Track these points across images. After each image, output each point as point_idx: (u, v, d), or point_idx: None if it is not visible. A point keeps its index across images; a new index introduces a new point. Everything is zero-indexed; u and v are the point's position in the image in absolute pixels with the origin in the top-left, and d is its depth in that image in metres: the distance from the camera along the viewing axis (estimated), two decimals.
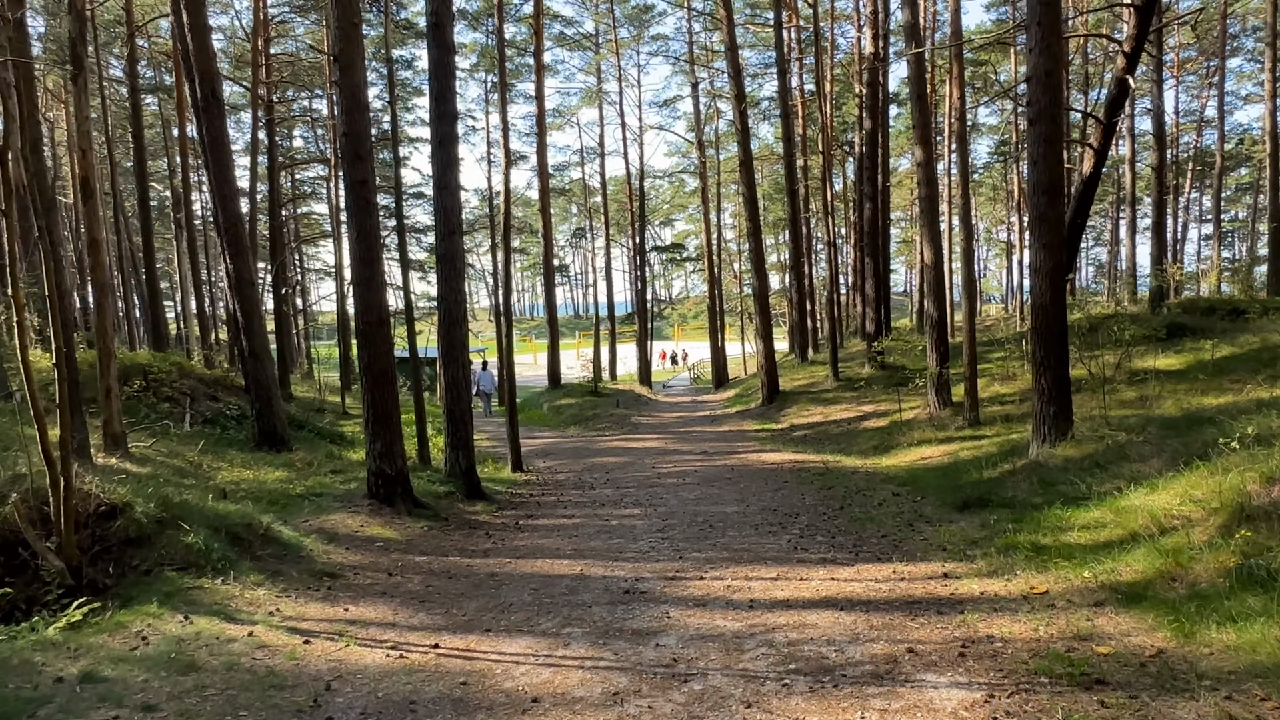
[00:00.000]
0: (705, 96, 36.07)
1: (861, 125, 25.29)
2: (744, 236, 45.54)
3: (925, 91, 14.32)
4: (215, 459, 12.20)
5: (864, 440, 14.37)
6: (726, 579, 6.02)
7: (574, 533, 8.20)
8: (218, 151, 14.59)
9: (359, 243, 8.28)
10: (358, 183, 8.18)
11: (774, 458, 13.19)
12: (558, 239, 60.38)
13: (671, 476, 11.78)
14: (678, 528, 8.14)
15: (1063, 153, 9.83)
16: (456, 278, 9.88)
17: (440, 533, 8.09)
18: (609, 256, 38.97)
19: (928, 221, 14.83)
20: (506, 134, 12.17)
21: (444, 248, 9.80)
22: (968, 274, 13.20)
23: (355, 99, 8.12)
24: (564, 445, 16.66)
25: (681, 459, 13.61)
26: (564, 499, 10.49)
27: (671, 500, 9.82)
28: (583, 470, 13.07)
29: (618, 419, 20.08)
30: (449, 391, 10.04)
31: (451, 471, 10.14)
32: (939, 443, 12.84)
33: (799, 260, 24.16)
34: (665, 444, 15.88)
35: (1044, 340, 9.48)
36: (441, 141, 9.65)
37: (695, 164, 36.16)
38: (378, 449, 8.54)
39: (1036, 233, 9.44)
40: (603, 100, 36.15)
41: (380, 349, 8.43)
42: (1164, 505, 6.13)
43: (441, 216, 9.78)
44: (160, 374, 16.29)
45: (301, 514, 8.28)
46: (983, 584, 5.43)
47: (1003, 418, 13.56)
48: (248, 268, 14.90)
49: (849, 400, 17.86)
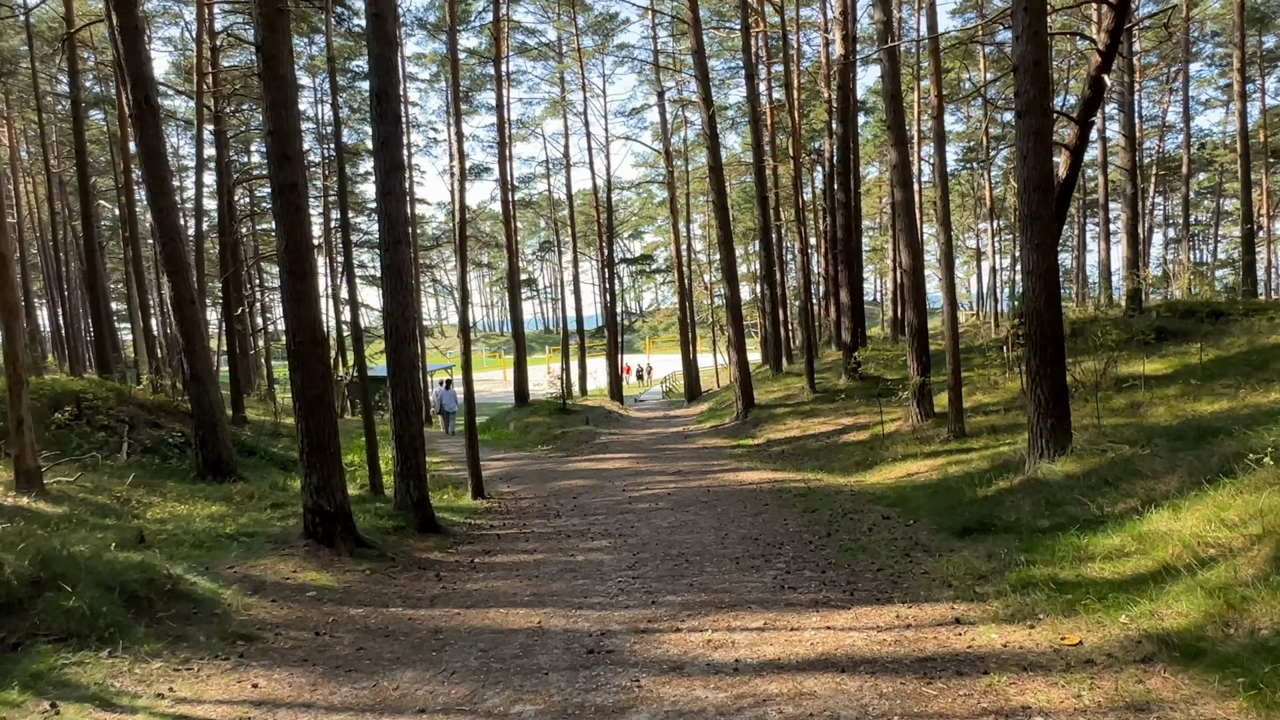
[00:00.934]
0: (672, 106, 35.57)
1: (831, 131, 24.80)
2: (714, 246, 44.99)
3: (899, 89, 13.76)
4: (148, 493, 11.20)
5: (846, 456, 13.68)
6: (706, 630, 5.22)
7: (535, 572, 7.36)
8: (153, 162, 13.64)
9: (288, 254, 7.41)
10: (286, 186, 7.32)
11: (752, 477, 12.44)
12: (525, 253, 59.54)
13: (643, 501, 10.97)
14: (650, 563, 7.33)
15: (1052, 147, 9.24)
16: (404, 291, 9.02)
17: (384, 576, 7.20)
18: (577, 269, 38.18)
19: (905, 225, 14.25)
20: (460, 142, 11.37)
21: (389, 258, 8.95)
22: (949, 279, 12.60)
23: (281, 93, 7.28)
24: (530, 467, 15.79)
25: (654, 480, 12.82)
26: (526, 529, 9.64)
27: (643, 529, 9.01)
28: (549, 495, 12.22)
29: (587, 437, 19.25)
30: (397, 416, 9.16)
31: (402, 504, 9.25)
32: (925, 457, 12.18)
33: (771, 269, 23.53)
34: (637, 464, 15.07)
35: (1039, 347, 8.84)
36: (385, 143, 8.82)
37: (663, 174, 35.57)
38: (314, 482, 7.64)
39: (1028, 232, 8.81)
40: (567, 110, 35.48)
41: (315, 371, 7.55)
42: (1194, 530, 5.45)
43: (386, 225, 8.94)
44: (95, 401, 15.19)
45: (227, 559, 7.35)
46: (1002, 632, 4.69)
47: (988, 429, 12.95)
48: (187, 285, 13.93)
49: (827, 413, 17.20)
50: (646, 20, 31.95)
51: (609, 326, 34.60)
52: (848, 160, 18.60)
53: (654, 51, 30.81)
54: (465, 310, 12.03)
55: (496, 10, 24.93)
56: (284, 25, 7.28)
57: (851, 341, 18.81)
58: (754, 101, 18.62)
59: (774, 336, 24.00)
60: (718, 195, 18.04)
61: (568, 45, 33.78)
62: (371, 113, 8.89)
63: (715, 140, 17.71)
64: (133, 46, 13.30)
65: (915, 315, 14.44)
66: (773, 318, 24.19)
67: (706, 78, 17.99)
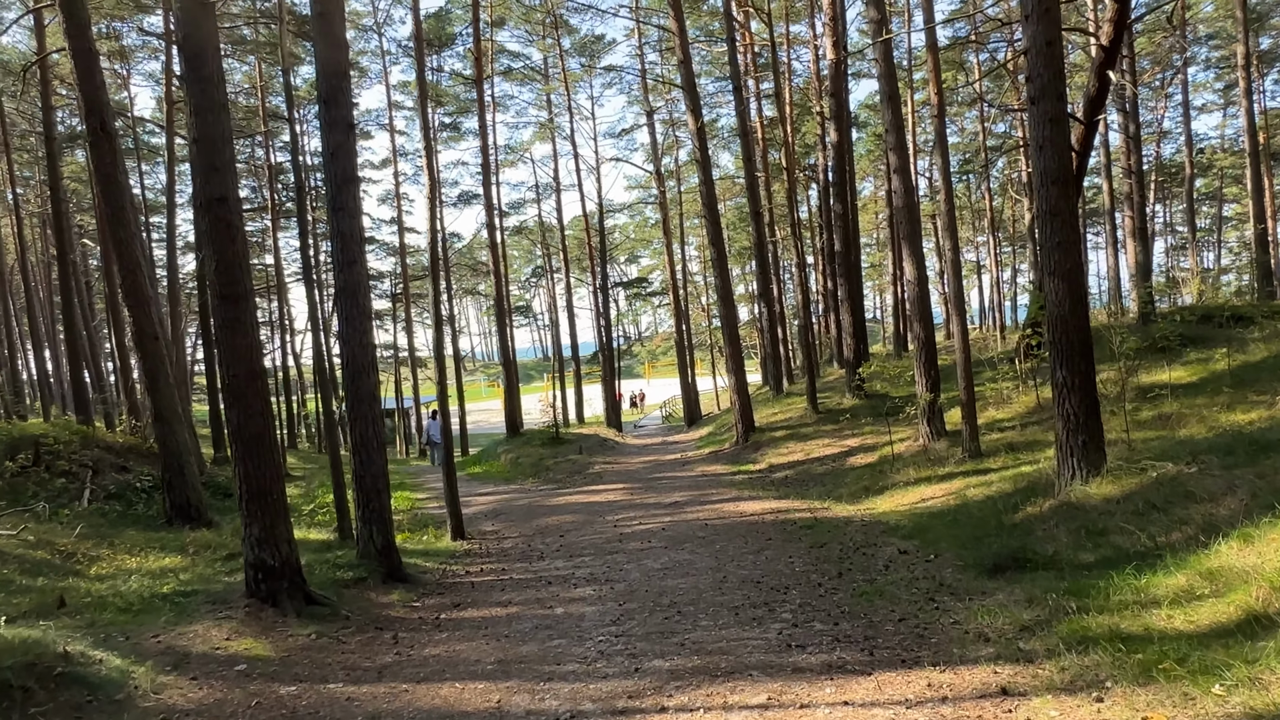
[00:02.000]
0: (663, 126, 35.03)
1: (825, 144, 24.13)
2: (709, 266, 44.28)
3: (896, 90, 13.01)
4: (97, 544, 10.27)
5: (853, 480, 12.75)
6: (698, 709, 4.30)
7: (505, 630, 6.43)
8: (110, 191, 12.90)
9: (219, 275, 6.56)
10: (214, 200, 6.49)
11: (754, 507, 11.51)
12: (517, 279, 58.88)
13: (635, 538, 10.04)
14: (637, 615, 6.40)
15: (1070, 135, 8.43)
16: (360, 316, 8.17)
17: (332, 641, 6.27)
18: (570, 295, 37.42)
19: (908, 233, 13.43)
20: (431, 154, 10.59)
21: (343, 280, 8.11)
22: (957, 287, 11.76)
23: (207, 96, 6.48)
24: (519, 501, 14.85)
25: (648, 514, 11.89)
26: (505, 576, 8.70)
27: (633, 572, 8.07)
28: (534, 534, 11.28)
29: (580, 468, 18.31)
30: (357, 454, 8.27)
31: (365, 551, 8.33)
32: (939, 480, 11.26)
33: (768, 286, 22.70)
34: (631, 495, 14.14)
35: (1065, 357, 7.96)
36: (335, 153, 8.01)
37: (655, 195, 34.93)
38: (255, 534, 6.74)
39: (1048, 229, 7.97)
40: (555, 134, 34.93)
41: (253, 407, 6.67)
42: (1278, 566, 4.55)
43: (339, 243, 8.11)
44: (56, 445, 14.32)
45: (155, 625, 6.44)
46: (1063, 707, 3.77)
47: (1005, 447, 12.05)
48: (149, 320, 13.12)
49: (831, 434, 16.28)
50: (634, 41, 31.48)
51: (604, 352, 33.75)
52: (844, 170, 17.86)
53: (642, 71, 30.27)
54: (440, 334, 11.19)
55: (477, 32, 24.35)
56: (209, 20, 6.49)
57: (854, 358, 17.94)
58: (743, 115, 17.93)
59: (773, 356, 23.12)
60: (710, 212, 17.26)
61: (554, 68, 33.27)
62: (320, 120, 8.10)
63: (705, 154, 16.98)
64: (87, 70, 12.61)
65: (922, 328, 13.59)
66: (771, 337, 23.33)
67: (694, 88, 17.28)
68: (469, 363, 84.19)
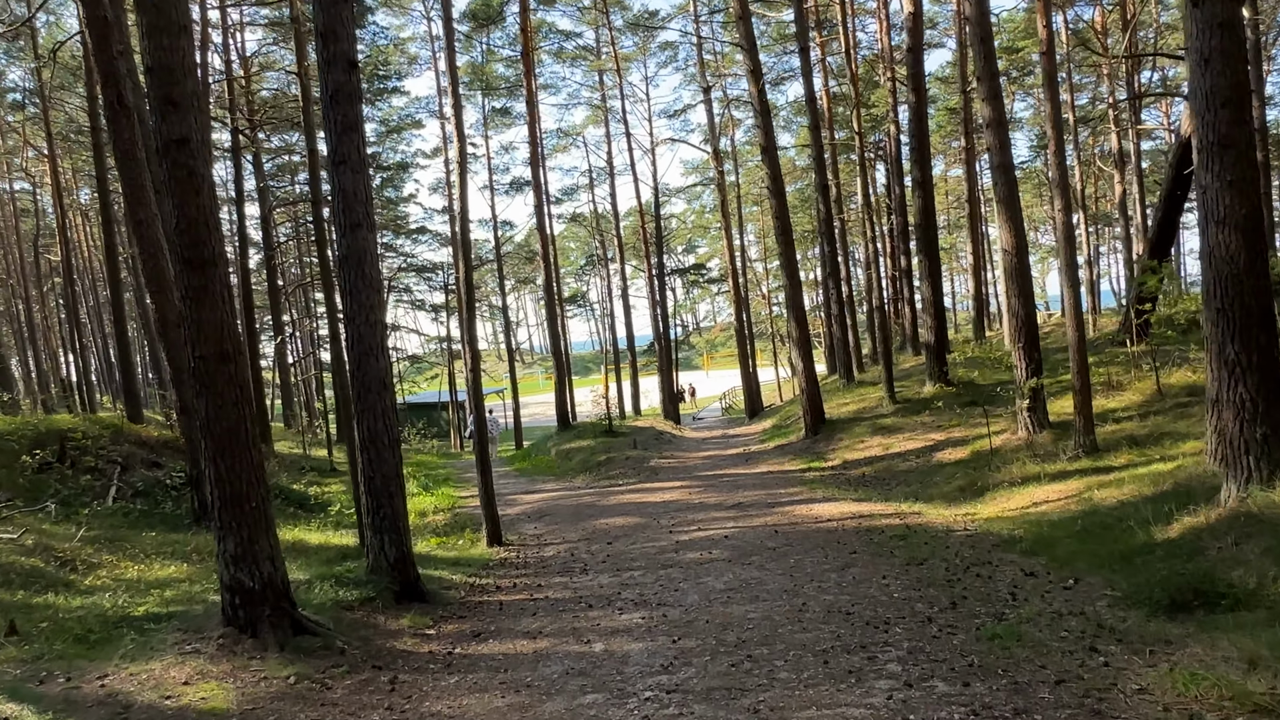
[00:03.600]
0: (719, 106, 33.41)
1: (895, 114, 22.28)
2: (771, 252, 42.46)
3: (989, 31, 11.28)
4: (106, 548, 9.35)
5: (945, 479, 11.12)
6: None
7: (529, 675, 5.10)
8: (129, 168, 12.04)
9: (181, 235, 5.37)
10: (173, 143, 5.30)
11: (829, 510, 9.99)
12: (573, 270, 57.82)
13: (693, 547, 8.63)
14: (695, 659, 5.00)
15: (1245, 41, 6.68)
16: (367, 289, 6.93)
17: (313, 688, 5.03)
18: (625, 283, 36.13)
19: (1005, 196, 11.70)
20: (458, 113, 9.35)
21: (346, 246, 6.89)
22: (1070, 256, 10.03)
23: (163, 15, 5.27)
24: (566, 501, 13.58)
25: (709, 518, 10.47)
26: (539, 594, 7.39)
27: (690, 594, 6.67)
28: (579, 540, 9.97)
29: (635, 463, 16.97)
30: (364, 452, 7.05)
31: (375, 566, 7.11)
32: (1051, 479, 9.58)
33: (836, 266, 20.94)
34: (689, 494, 12.73)
35: (1237, 328, 6.26)
36: (335, 96, 6.79)
37: (713, 177, 33.30)
38: (231, 549, 5.55)
39: (1215, 166, 6.26)
40: (608, 116, 33.61)
41: (226, 396, 5.47)
42: None
43: (340, 202, 6.88)
44: (84, 440, 13.55)
45: (110, 659, 5.30)
46: None
47: (1126, 440, 10.28)
48: (171, 305, 12.19)
49: (913, 427, 14.58)
50: (688, 13, 29.88)
51: (661, 341, 32.34)
52: (922, 134, 16.06)
53: (698, 43, 28.65)
54: (471, 315, 9.96)
55: (524, 8, 23.18)
56: None
57: (936, 341, 16.17)
58: (808, 75, 16.27)
59: (842, 342, 21.24)
60: (773, 182, 15.67)
61: (604, 47, 31.90)
62: (318, 58, 6.87)
63: (767, 118, 15.37)
64: (102, 39, 11.77)
65: (1021, 304, 11.84)
66: (840, 322, 21.47)
67: (754, 47, 15.71)
68: (526, 355, 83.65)
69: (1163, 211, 15.35)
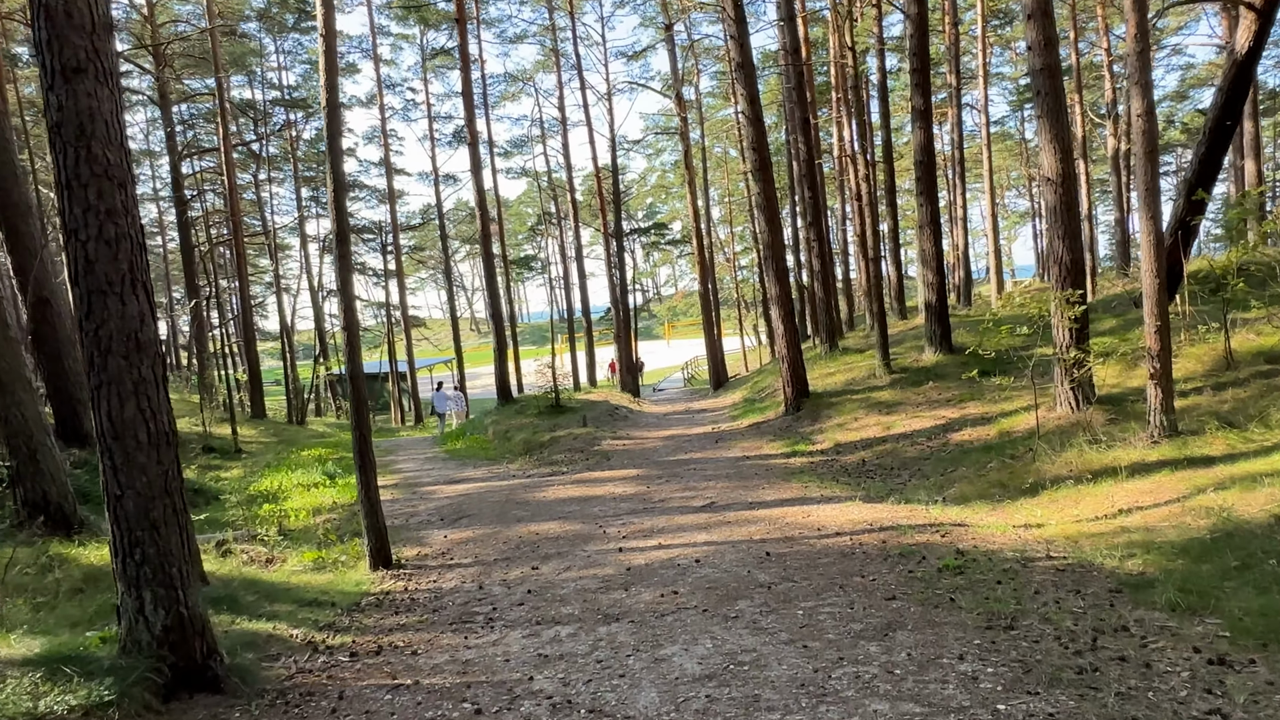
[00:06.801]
0: (681, 53, 30.47)
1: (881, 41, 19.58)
2: (737, 210, 39.70)
3: None
4: None
5: (973, 469, 8.65)
6: None
7: None
8: None
9: None
10: None
11: (834, 516, 7.44)
12: (521, 231, 54.50)
13: (651, 580, 6.00)
14: None
15: None
16: (102, 180, 4.10)
17: None
18: (579, 245, 33.17)
19: (1050, 107, 9.17)
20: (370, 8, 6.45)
21: (58, 104, 4.04)
22: (1153, 182, 7.53)
23: None
24: (494, 495, 10.88)
25: (672, 525, 7.86)
26: (409, 676, 4.70)
27: (645, 691, 4.02)
28: (496, 559, 7.30)
29: (583, 444, 14.31)
30: (106, 455, 4.27)
31: (131, 639, 4.35)
32: (1131, 474, 7.13)
33: (818, 214, 18.24)
34: (647, 487, 10.12)
35: None
36: None
37: (676, 126, 30.42)
38: None
39: None
40: (560, 62, 30.50)
41: None
42: None
43: (46, 27, 4.02)
44: None
45: None
46: None
47: (1214, 419, 7.92)
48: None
49: (917, 402, 12.13)
50: None
51: (618, 307, 29.60)
52: (924, 52, 13.42)
53: None
54: (346, 270, 7.16)
55: None
56: None
57: (938, 301, 13.70)
58: None
59: (825, 304, 18.47)
60: (749, 105, 12.94)
61: None
62: None
63: (743, 25, 12.57)
64: None
65: (1067, 248, 9.39)
66: (823, 281, 18.77)
67: None
68: (483, 325, 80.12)
69: (1207, 146, 12.93)
